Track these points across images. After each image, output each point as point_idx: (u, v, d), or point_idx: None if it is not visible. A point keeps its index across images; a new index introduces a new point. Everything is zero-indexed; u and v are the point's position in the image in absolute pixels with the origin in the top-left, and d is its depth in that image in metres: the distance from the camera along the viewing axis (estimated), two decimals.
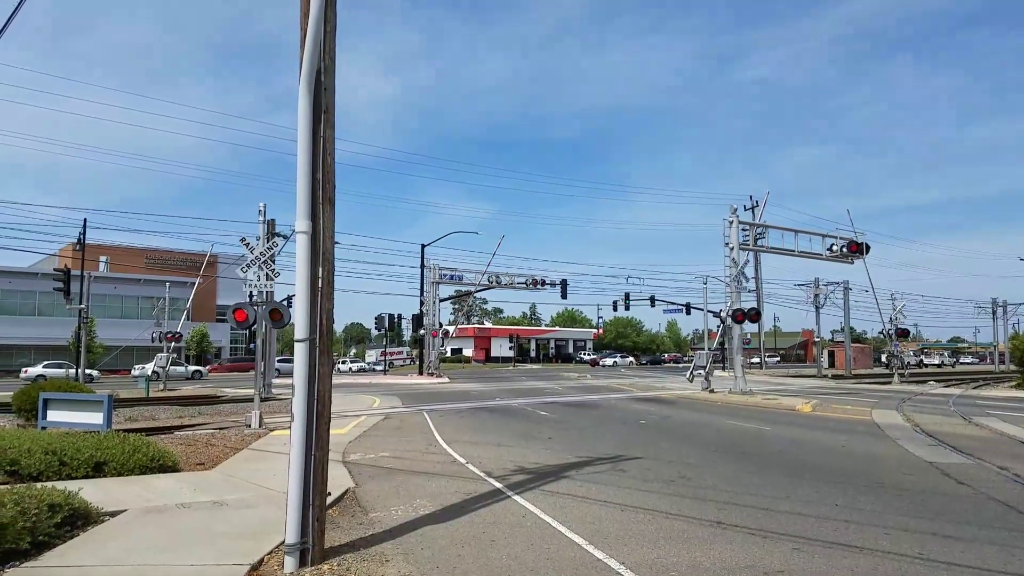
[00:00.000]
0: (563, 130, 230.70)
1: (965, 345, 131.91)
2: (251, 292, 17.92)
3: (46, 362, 52.44)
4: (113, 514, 8.03)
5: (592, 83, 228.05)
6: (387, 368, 72.97)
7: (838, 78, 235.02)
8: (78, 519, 7.45)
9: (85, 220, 43.21)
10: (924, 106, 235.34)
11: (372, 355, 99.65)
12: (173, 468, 11.14)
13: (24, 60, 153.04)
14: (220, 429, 17.79)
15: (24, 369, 51.05)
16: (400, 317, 64.72)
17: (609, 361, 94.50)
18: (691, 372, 36.79)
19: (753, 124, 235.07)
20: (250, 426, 17.69)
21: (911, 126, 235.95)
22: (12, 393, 21.08)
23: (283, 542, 6.47)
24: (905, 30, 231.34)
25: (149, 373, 38.21)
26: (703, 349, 37.01)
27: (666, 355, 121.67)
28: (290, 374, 7.28)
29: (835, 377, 55.05)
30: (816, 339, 66.34)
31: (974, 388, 40.57)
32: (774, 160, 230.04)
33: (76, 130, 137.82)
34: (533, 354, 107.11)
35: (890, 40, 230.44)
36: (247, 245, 18.03)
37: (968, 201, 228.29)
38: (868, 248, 36.94)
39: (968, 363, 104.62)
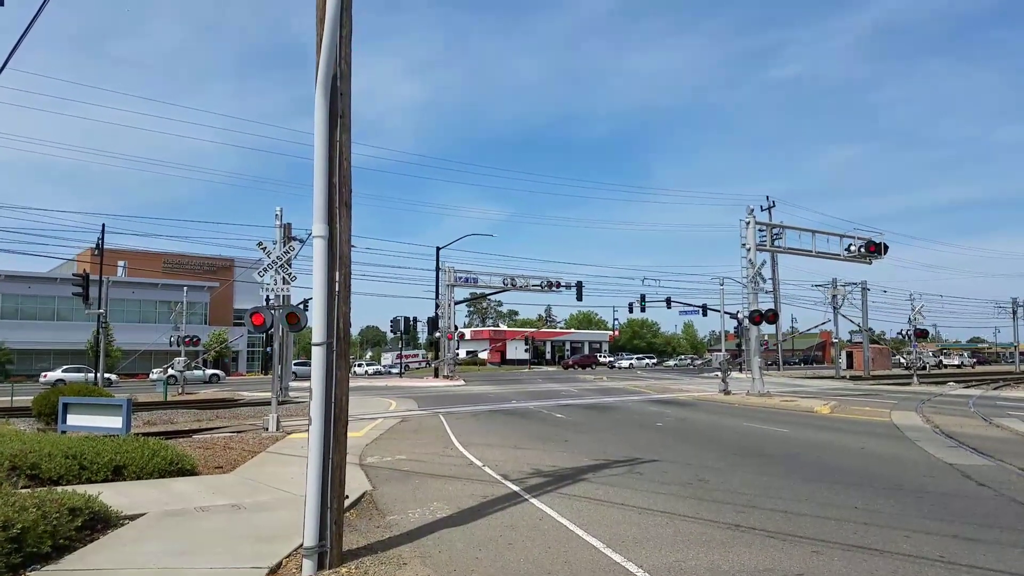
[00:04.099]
0: (589, 131, 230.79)
1: (985, 345, 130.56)
2: (268, 296, 17.97)
3: (65, 366, 52.90)
4: (132, 517, 8.08)
5: (619, 84, 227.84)
6: (403, 371, 73.13)
7: (866, 77, 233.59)
8: (98, 522, 7.51)
9: (103, 225, 43.66)
10: (953, 105, 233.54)
11: (388, 358, 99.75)
12: (191, 472, 11.21)
13: (49, 68, 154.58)
14: (238, 432, 17.89)
15: (43, 373, 51.49)
16: (415, 320, 65.01)
17: (625, 363, 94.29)
18: (692, 362, 36.49)
19: (779, 124, 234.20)
20: (267, 429, 17.78)
21: (938, 125, 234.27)
22: (32, 397, 21.31)
23: (301, 545, 6.49)
24: (936, 27, 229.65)
25: (165, 377, 38.48)
26: (720, 350, 36.80)
27: (672, 360, 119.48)
28: (306, 377, 7.32)
29: (853, 378, 54.67)
30: (834, 340, 65.85)
31: (994, 389, 40.21)
32: (799, 160, 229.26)
33: (94, 136, 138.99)
34: (549, 356, 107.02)
35: (921, 38, 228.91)
36: (264, 249, 18.11)
37: (991, 201, 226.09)
38: (886, 248, 36.69)
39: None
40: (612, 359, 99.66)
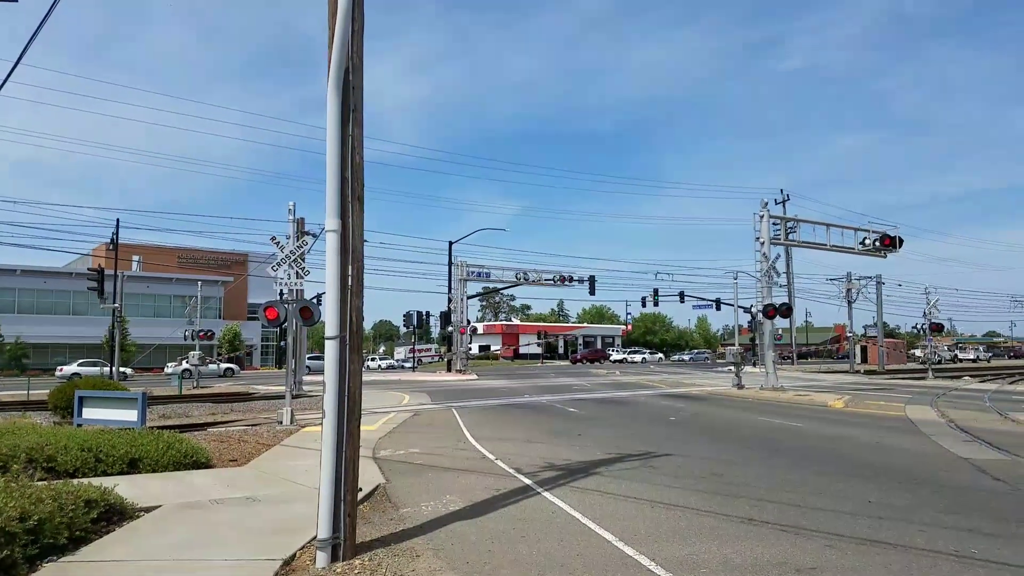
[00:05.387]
0: (596, 126, 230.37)
1: (1001, 339, 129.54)
2: (281, 290, 18.06)
3: (81, 360, 53.24)
4: (148, 510, 8.14)
5: (625, 77, 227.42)
6: (416, 365, 73.35)
7: (875, 66, 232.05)
8: (114, 515, 7.57)
9: (118, 220, 43.89)
10: (963, 92, 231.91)
11: (401, 352, 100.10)
12: (206, 464, 11.28)
13: (64, 66, 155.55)
14: (252, 426, 17.98)
15: (59, 367, 51.86)
16: (428, 314, 64.96)
17: (638, 357, 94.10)
18: (704, 356, 36.34)
19: (788, 113, 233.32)
20: (282, 423, 17.86)
21: (950, 113, 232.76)
22: (48, 391, 21.48)
23: (315, 537, 6.52)
24: (943, 13, 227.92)
25: (180, 371, 38.73)
26: (733, 344, 36.71)
27: (678, 355, 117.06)
28: (320, 371, 7.35)
29: (868, 372, 54.33)
30: (848, 334, 65.47)
31: (1010, 383, 39.86)
32: (811, 151, 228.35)
33: (116, 134, 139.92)
34: (561, 351, 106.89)
35: (928, 24, 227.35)
36: (277, 244, 18.18)
37: (1008, 190, 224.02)
38: (901, 241, 36.44)
39: None
40: (617, 353, 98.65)
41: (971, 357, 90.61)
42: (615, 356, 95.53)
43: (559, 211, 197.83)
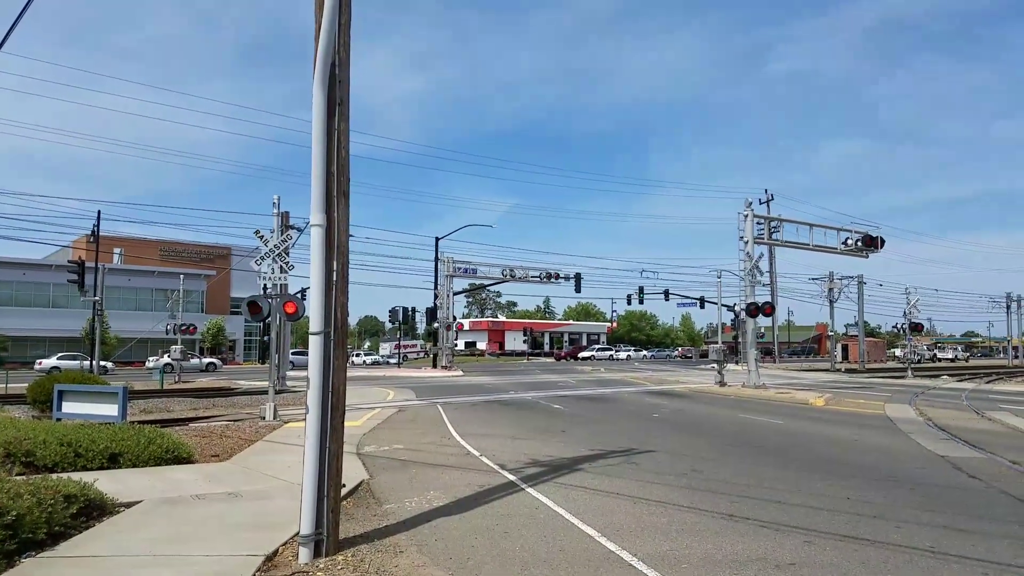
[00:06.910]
0: (589, 126, 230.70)
1: (979, 340, 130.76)
2: (265, 285, 17.97)
3: (60, 354, 52.71)
4: (128, 505, 8.10)
5: (618, 79, 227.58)
6: (401, 361, 73.16)
7: (866, 73, 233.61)
8: (94, 510, 7.53)
9: (99, 212, 43.73)
10: (951, 102, 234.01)
11: (386, 348, 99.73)
12: (188, 459, 11.22)
13: (46, 55, 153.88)
14: (235, 421, 17.90)
15: (38, 361, 51.31)
16: (414, 310, 65.05)
17: (623, 355, 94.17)
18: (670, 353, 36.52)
19: (777, 120, 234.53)
20: (264, 418, 17.79)
21: (938, 122, 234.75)
22: (27, 384, 21.28)
23: (298, 533, 6.51)
24: (934, 24, 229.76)
25: (161, 365, 38.47)
26: (716, 342, 36.87)
27: (650, 351, 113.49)
28: (304, 367, 7.34)
29: (848, 371, 54.83)
30: (830, 333, 65.98)
31: (987, 382, 40.30)
32: (800, 155, 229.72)
33: (95, 124, 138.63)
34: (547, 347, 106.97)
35: (921, 33, 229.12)
36: (261, 238, 18.10)
37: (986, 196, 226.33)
38: (883, 242, 36.75)
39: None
40: (587, 351, 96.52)
41: (949, 356, 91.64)
42: (584, 353, 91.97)
43: (548, 209, 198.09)
